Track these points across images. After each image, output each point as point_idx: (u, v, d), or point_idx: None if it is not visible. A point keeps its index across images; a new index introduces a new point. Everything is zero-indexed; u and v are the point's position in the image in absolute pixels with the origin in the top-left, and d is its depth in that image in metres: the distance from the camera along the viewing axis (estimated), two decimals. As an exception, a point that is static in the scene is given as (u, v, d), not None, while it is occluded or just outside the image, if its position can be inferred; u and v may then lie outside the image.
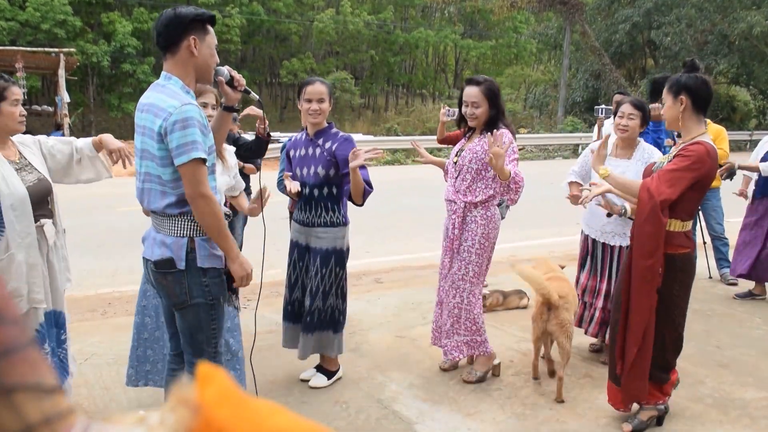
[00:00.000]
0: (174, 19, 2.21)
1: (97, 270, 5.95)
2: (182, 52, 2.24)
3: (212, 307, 2.37)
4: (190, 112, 2.16)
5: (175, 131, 2.14)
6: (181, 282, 2.29)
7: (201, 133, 2.19)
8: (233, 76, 2.50)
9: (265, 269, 3.34)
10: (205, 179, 2.20)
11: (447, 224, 3.59)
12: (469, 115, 3.47)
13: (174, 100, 2.18)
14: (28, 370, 0.47)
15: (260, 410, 0.47)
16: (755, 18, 21.82)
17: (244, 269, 2.39)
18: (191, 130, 2.15)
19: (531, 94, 29.41)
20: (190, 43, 2.22)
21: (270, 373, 3.66)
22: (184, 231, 2.28)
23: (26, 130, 2.71)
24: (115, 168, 2.98)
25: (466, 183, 3.47)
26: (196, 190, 2.18)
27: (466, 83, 3.52)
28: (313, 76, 3.53)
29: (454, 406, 3.30)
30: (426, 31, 29.49)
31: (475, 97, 3.41)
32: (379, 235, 7.62)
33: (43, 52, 17.19)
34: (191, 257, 2.27)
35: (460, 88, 3.59)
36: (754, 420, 3.19)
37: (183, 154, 2.14)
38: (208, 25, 2.30)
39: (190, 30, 2.22)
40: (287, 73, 26.44)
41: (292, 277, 3.54)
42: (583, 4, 25.07)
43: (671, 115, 2.91)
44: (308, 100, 3.32)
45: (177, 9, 2.25)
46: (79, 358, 3.83)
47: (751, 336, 4.44)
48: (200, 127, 2.19)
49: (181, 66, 2.26)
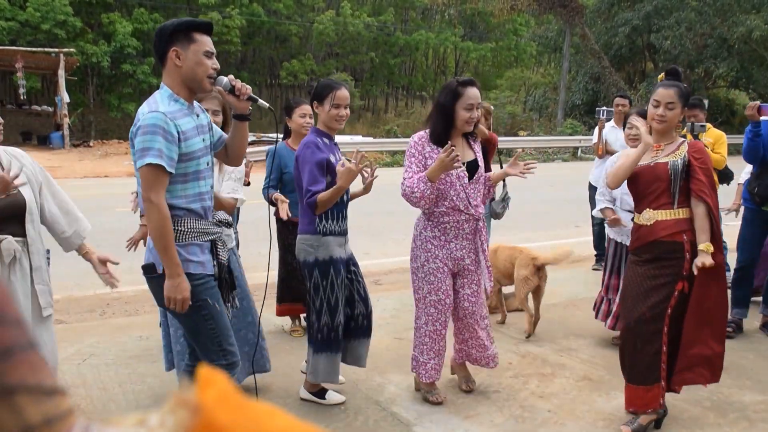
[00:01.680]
0: (158, 32, 2.33)
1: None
2: (168, 63, 2.33)
3: (201, 308, 2.39)
4: (153, 120, 2.23)
5: (138, 136, 2.25)
6: (161, 286, 2.33)
7: (164, 140, 2.23)
8: (234, 85, 2.45)
9: (264, 270, 3.34)
10: (158, 185, 2.25)
11: (455, 246, 3.26)
12: (471, 119, 3.18)
13: (146, 107, 2.29)
14: (28, 372, 0.47)
15: (260, 413, 0.47)
16: (754, 22, 21.87)
17: (175, 292, 2.28)
18: (150, 137, 2.22)
19: (531, 97, 29.43)
20: (173, 53, 2.31)
21: (269, 375, 3.65)
22: None
23: (26, 130, 2.65)
24: (114, 168, 2.98)
25: (481, 194, 3.36)
26: (145, 193, 2.26)
27: (465, 85, 3.17)
28: (334, 80, 3.40)
29: (452, 408, 3.30)
30: (426, 33, 29.51)
31: (479, 98, 3.18)
32: (377, 237, 7.62)
33: (43, 52, 17.22)
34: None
35: (452, 90, 3.17)
36: (752, 423, 3.20)
37: (139, 158, 2.25)
38: (195, 34, 2.31)
39: (173, 41, 2.31)
40: (287, 75, 26.45)
41: (340, 297, 3.22)
42: (583, 7, 25.11)
43: (677, 120, 3.07)
44: (337, 106, 3.15)
45: (164, 23, 2.36)
46: (78, 359, 3.84)
47: (749, 339, 4.44)
48: (164, 134, 2.23)
49: (168, 76, 2.36)
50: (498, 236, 7.78)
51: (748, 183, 4.50)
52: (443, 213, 3.21)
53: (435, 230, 3.25)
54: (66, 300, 5.03)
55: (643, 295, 3.00)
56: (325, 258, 3.16)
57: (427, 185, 3.07)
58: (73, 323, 4.55)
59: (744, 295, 4.56)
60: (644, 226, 3.05)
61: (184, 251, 2.35)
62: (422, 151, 3.18)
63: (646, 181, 3.05)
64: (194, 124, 2.38)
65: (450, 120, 3.17)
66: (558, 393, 3.50)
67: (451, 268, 3.28)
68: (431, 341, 3.32)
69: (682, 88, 3.03)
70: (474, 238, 3.30)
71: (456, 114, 3.16)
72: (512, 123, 24.19)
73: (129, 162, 3.69)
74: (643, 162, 3.06)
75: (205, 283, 2.41)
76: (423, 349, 3.33)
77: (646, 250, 3.03)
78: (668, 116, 2.99)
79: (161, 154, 2.22)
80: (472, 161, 3.29)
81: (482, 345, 3.43)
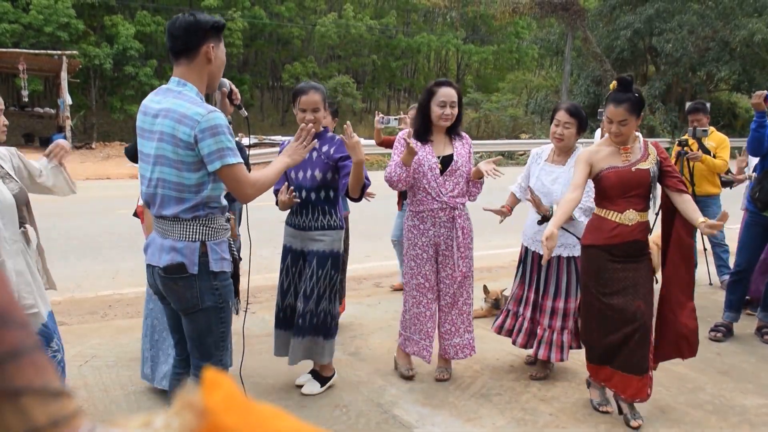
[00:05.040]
0: (194, 24, 2.20)
1: (97, 272, 5.95)
2: (200, 58, 2.23)
3: (222, 310, 2.36)
4: (220, 119, 2.19)
5: (206, 138, 2.15)
6: (192, 286, 2.27)
7: (229, 135, 2.22)
8: (233, 89, 2.51)
9: (265, 272, 3.34)
10: (245, 177, 2.25)
11: (434, 233, 3.53)
12: (445, 116, 3.49)
13: (199, 108, 2.17)
14: (34, 374, 0.47)
15: (265, 416, 0.47)
16: (756, 25, 21.89)
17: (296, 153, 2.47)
18: (222, 137, 2.17)
19: (532, 100, 29.45)
20: (209, 49, 2.22)
21: (270, 376, 3.65)
22: (196, 235, 2.26)
23: (28, 132, 2.70)
24: (115, 170, 2.99)
25: (460, 186, 3.56)
26: (241, 192, 2.25)
27: (440, 85, 3.52)
28: (307, 82, 3.46)
29: (454, 410, 3.30)
30: (428, 35, 29.54)
31: (453, 96, 3.51)
32: (379, 239, 7.62)
33: (46, 54, 17.25)
34: (203, 261, 2.26)
35: (427, 90, 3.54)
36: (754, 427, 3.19)
37: (216, 160, 2.17)
38: (221, 34, 2.31)
39: (209, 36, 2.22)
40: (289, 77, 26.48)
41: (285, 282, 3.49)
42: (584, 10, 25.14)
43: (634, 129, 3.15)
44: (303, 110, 3.28)
45: (196, 14, 2.24)
46: (80, 361, 3.84)
47: (751, 343, 4.43)
48: (229, 131, 2.23)
49: (196, 72, 2.25)
50: (500, 239, 7.78)
51: (751, 187, 4.49)
52: (420, 201, 3.54)
53: (415, 219, 3.58)
54: (67, 302, 5.03)
55: (633, 289, 3.13)
56: (284, 245, 3.50)
57: (403, 169, 3.43)
58: (74, 325, 4.55)
59: (738, 299, 4.54)
60: (624, 226, 3.11)
61: (219, 248, 2.31)
62: (405, 144, 3.44)
63: (629, 185, 3.10)
64: None
65: (427, 116, 3.53)
66: (559, 396, 3.49)
67: (431, 254, 3.57)
68: (419, 323, 3.63)
69: (633, 99, 3.05)
70: (451, 225, 3.54)
71: (431, 110, 3.50)
72: (514, 126, 24.23)
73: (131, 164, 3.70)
74: (620, 165, 3.12)
75: (230, 284, 2.39)
76: (412, 330, 3.66)
77: (623, 249, 3.13)
78: (623, 131, 3.09)
79: (235, 152, 2.22)
80: (447, 156, 3.56)
81: (455, 332, 3.64)
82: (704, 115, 5.45)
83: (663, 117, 23.94)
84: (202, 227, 2.26)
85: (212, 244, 2.28)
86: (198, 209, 2.24)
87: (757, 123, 4.22)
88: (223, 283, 2.34)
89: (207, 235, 2.27)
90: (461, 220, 3.55)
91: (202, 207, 2.25)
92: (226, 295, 2.36)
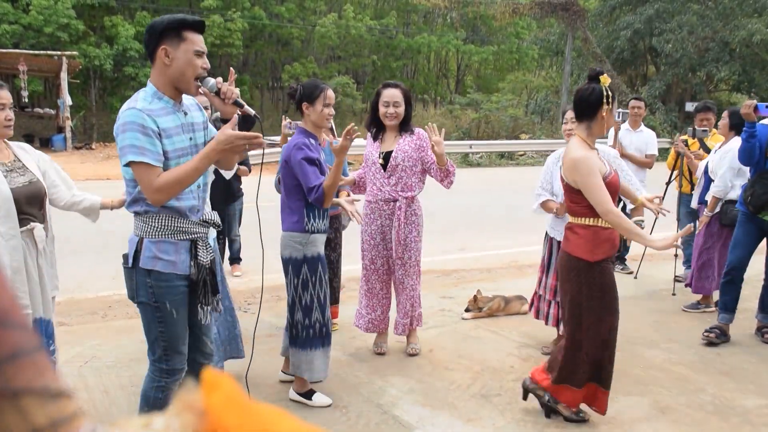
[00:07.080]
0: (148, 29, 2.29)
1: (97, 272, 5.95)
2: (157, 61, 2.30)
3: (157, 309, 2.37)
4: (129, 117, 2.23)
5: (118, 134, 2.25)
6: (131, 278, 2.37)
7: (144, 135, 2.21)
8: (220, 88, 2.37)
9: (266, 273, 3.34)
10: (147, 178, 2.21)
11: (381, 223, 3.88)
12: (390, 114, 3.79)
13: (125, 105, 2.28)
14: (35, 375, 0.47)
15: (266, 416, 0.47)
16: (756, 26, 21.86)
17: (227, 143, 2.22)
18: (128, 134, 2.21)
19: (532, 100, 29.42)
20: (162, 53, 2.27)
21: (270, 376, 3.65)
22: (138, 230, 2.37)
23: (28, 133, 2.72)
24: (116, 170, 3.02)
25: (403, 180, 3.82)
26: (146, 192, 2.25)
27: (385, 87, 3.87)
28: (320, 80, 3.44)
29: (454, 411, 3.30)
30: (428, 36, 29.52)
31: (397, 97, 3.79)
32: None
33: (46, 55, 17.24)
34: (136, 257, 2.34)
35: (376, 92, 3.89)
36: (755, 427, 3.19)
37: (121, 156, 2.26)
38: (186, 32, 2.27)
39: (163, 40, 2.27)
40: (289, 78, 26.46)
41: (328, 290, 3.42)
42: (584, 10, 25.13)
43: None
44: (328, 105, 3.29)
45: (154, 20, 2.32)
46: (79, 361, 3.84)
47: (751, 343, 4.43)
48: (142, 129, 2.21)
49: (157, 74, 2.33)
50: (500, 239, 7.78)
51: (744, 190, 4.44)
52: (369, 193, 3.93)
53: (367, 209, 3.93)
54: (68, 302, 5.03)
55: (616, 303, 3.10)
56: (314, 255, 3.27)
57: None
58: (74, 326, 4.55)
59: (732, 300, 4.46)
60: (615, 231, 3.00)
61: (155, 247, 2.31)
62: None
63: (616, 190, 3.07)
64: (179, 123, 2.33)
65: (377, 115, 3.86)
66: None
67: (378, 241, 3.92)
68: (366, 299, 4.04)
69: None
70: (392, 216, 3.85)
71: (378, 110, 3.83)
72: (514, 126, 24.22)
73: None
74: (609, 169, 3.02)
75: (170, 286, 2.34)
76: (362, 304, 4.07)
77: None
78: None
79: (143, 150, 2.19)
80: (390, 152, 3.83)
81: (403, 311, 3.99)
82: (713, 114, 5.51)
83: (663, 117, 23.92)
84: (141, 223, 2.35)
85: (148, 241, 2.33)
86: (136, 204, 2.33)
87: (747, 133, 4.15)
88: (158, 283, 2.33)
89: (145, 232, 2.33)
90: (401, 211, 3.81)
91: (140, 203, 2.32)
92: (162, 296, 2.34)
